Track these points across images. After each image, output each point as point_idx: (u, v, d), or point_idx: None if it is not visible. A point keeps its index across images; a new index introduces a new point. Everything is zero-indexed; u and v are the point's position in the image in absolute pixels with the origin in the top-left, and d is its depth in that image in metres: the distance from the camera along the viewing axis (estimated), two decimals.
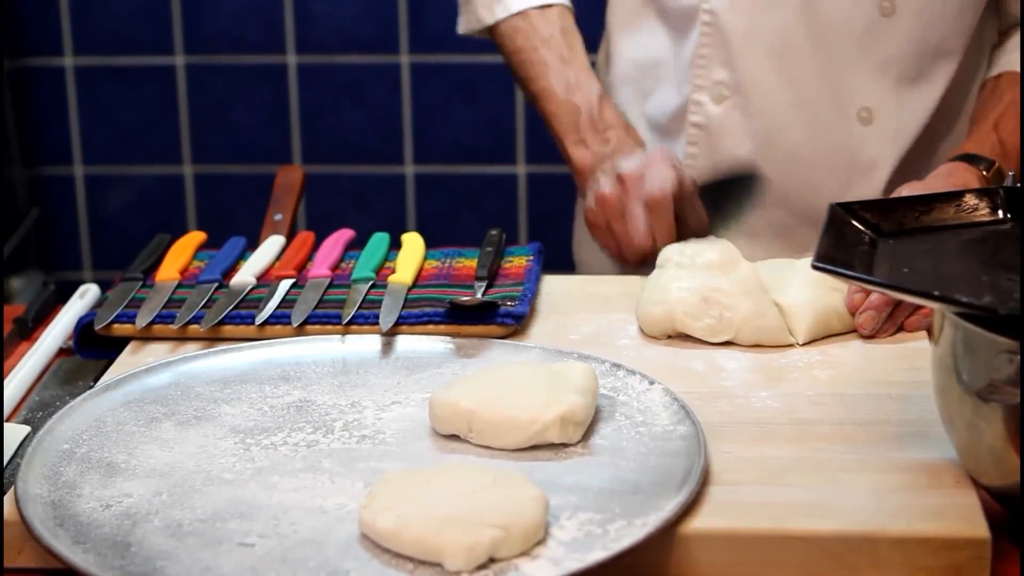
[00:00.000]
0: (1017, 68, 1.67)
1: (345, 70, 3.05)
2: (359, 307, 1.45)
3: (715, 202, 1.60)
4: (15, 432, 1.28)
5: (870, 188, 1.74)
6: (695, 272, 1.44)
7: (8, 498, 1.15)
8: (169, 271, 1.54)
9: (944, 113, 1.75)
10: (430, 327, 1.42)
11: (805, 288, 1.43)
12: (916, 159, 1.76)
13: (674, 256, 1.47)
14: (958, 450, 1.16)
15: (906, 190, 1.51)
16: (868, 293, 1.40)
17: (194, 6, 3.04)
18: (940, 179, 1.56)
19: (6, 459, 1.24)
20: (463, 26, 1.83)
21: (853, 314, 1.41)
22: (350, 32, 3.03)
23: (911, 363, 1.36)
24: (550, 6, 1.76)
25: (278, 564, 1.07)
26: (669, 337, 1.43)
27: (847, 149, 1.73)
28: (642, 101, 1.84)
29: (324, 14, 3.03)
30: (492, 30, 1.79)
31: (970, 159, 1.58)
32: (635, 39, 1.81)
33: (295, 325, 1.43)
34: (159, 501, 1.15)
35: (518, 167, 3.10)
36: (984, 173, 1.56)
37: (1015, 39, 1.71)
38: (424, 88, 3.06)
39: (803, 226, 1.76)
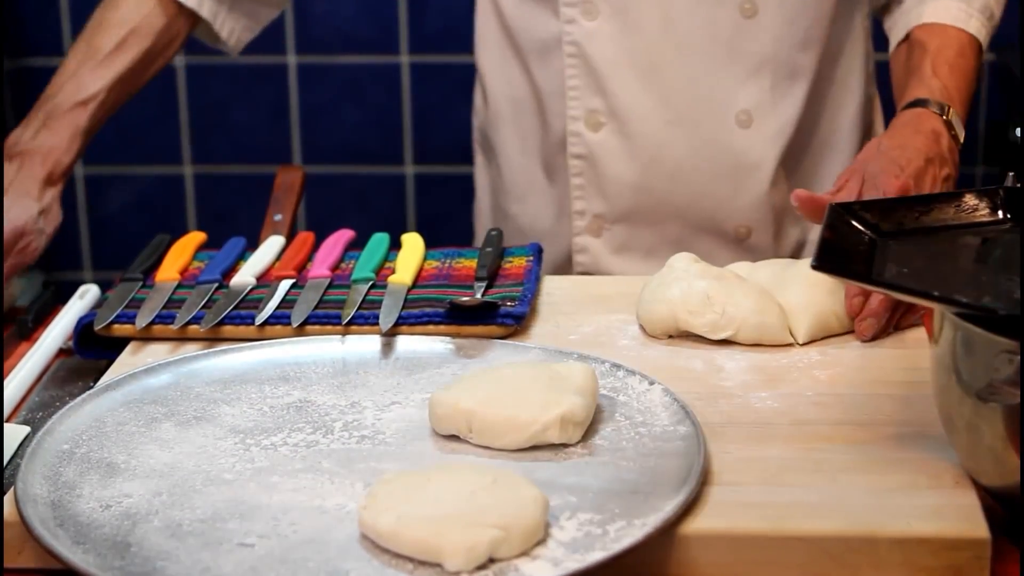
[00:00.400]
0: (925, 20, 1.67)
1: (345, 70, 3.05)
2: (359, 307, 1.45)
3: None
4: (15, 432, 1.28)
5: (757, 188, 1.76)
6: (698, 274, 1.44)
7: (8, 498, 1.15)
8: (169, 271, 1.54)
9: (814, 103, 1.77)
10: (430, 327, 1.42)
11: (805, 289, 1.43)
12: (795, 153, 1.78)
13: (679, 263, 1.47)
14: (958, 450, 1.16)
15: (879, 146, 1.50)
16: (867, 298, 1.40)
17: None
18: (908, 127, 1.55)
19: (6, 459, 1.24)
20: None
21: (852, 319, 1.41)
22: (350, 32, 3.03)
23: (911, 363, 1.36)
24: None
25: (278, 564, 1.07)
26: (670, 337, 1.43)
27: (730, 154, 1.74)
28: (524, 138, 1.84)
29: (324, 14, 3.03)
30: None
31: (926, 103, 1.58)
32: (504, 76, 1.82)
33: (295, 325, 1.43)
34: (159, 501, 1.15)
35: None
36: (944, 117, 1.56)
37: (906, 4, 1.71)
38: (424, 88, 3.06)
39: (700, 235, 1.77)
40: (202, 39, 1.82)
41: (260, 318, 1.44)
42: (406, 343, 1.40)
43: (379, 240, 1.60)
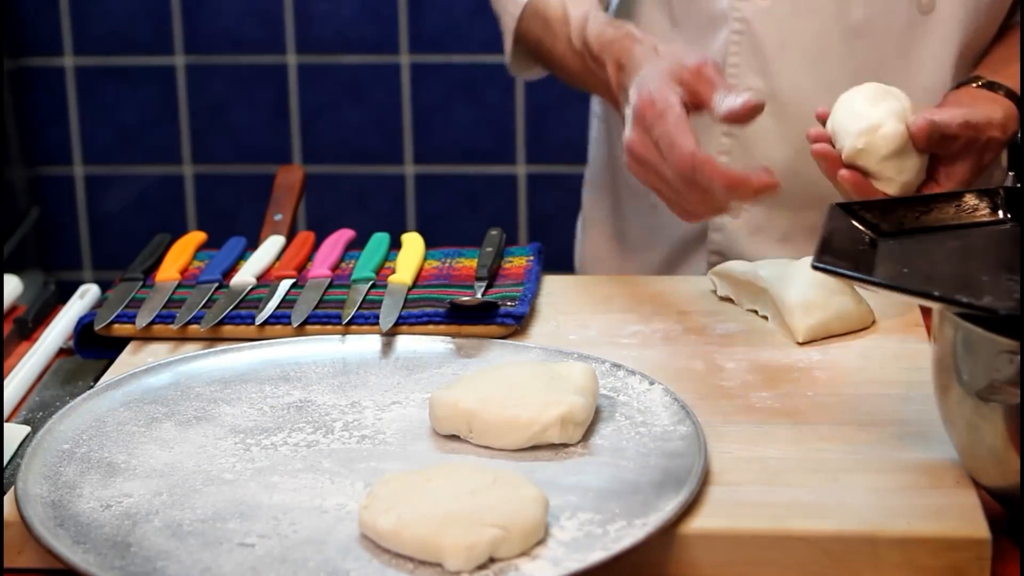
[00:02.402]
0: None
1: (345, 70, 3.06)
2: (359, 307, 1.45)
3: None
4: (15, 432, 1.28)
5: None
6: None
7: (8, 498, 1.15)
8: (169, 271, 1.54)
9: None
10: (430, 327, 1.42)
11: (806, 288, 1.43)
12: None
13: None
14: (958, 450, 1.16)
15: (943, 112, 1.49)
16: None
17: (194, 6, 3.04)
18: (995, 106, 1.54)
19: (6, 459, 1.24)
20: (508, 54, 1.75)
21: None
22: (350, 32, 3.04)
23: (911, 363, 1.36)
24: None
25: (278, 564, 1.07)
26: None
27: None
28: None
29: (324, 14, 3.03)
30: (520, 39, 1.73)
31: (995, 88, 1.57)
32: None
33: (295, 325, 1.43)
34: (159, 501, 1.15)
35: (518, 167, 3.10)
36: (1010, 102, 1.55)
37: None
38: (424, 88, 3.06)
39: None
40: None
41: (260, 318, 1.44)
42: (406, 343, 1.40)
43: (379, 240, 1.60)
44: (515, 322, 1.43)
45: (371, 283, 1.51)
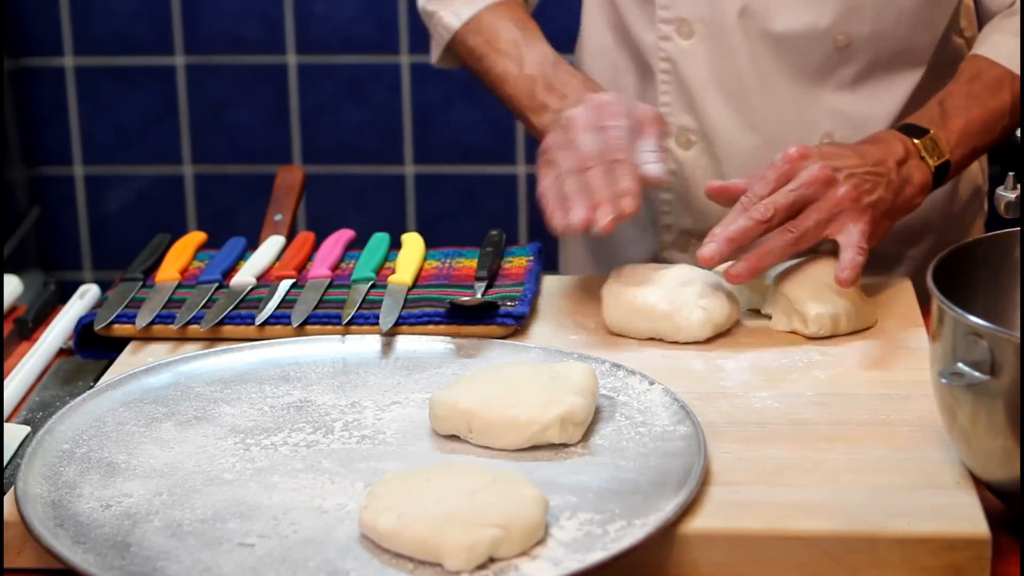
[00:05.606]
0: (983, 53, 1.64)
1: (345, 70, 3.06)
2: (359, 307, 1.45)
3: None
4: (15, 432, 1.28)
5: None
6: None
7: (8, 498, 1.15)
8: (169, 271, 1.54)
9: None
10: (430, 327, 1.42)
11: (814, 282, 1.43)
12: None
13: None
14: (958, 447, 1.16)
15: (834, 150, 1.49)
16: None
17: (194, 6, 3.04)
18: (867, 140, 1.53)
19: (6, 459, 1.24)
20: (434, 53, 1.79)
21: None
22: (350, 32, 3.04)
23: (911, 363, 1.36)
24: (498, 4, 1.72)
25: (278, 564, 1.07)
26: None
27: None
28: None
29: (324, 14, 3.03)
30: (454, 45, 1.75)
31: (903, 128, 1.55)
32: (606, 76, 1.78)
33: (295, 325, 1.43)
34: (159, 501, 1.15)
35: (518, 167, 3.10)
36: (914, 141, 1.53)
37: (986, 29, 1.68)
38: (424, 88, 3.06)
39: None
40: None
41: (260, 318, 1.44)
42: (406, 343, 1.40)
43: (379, 240, 1.60)
44: (515, 322, 1.43)
45: (371, 283, 1.51)
